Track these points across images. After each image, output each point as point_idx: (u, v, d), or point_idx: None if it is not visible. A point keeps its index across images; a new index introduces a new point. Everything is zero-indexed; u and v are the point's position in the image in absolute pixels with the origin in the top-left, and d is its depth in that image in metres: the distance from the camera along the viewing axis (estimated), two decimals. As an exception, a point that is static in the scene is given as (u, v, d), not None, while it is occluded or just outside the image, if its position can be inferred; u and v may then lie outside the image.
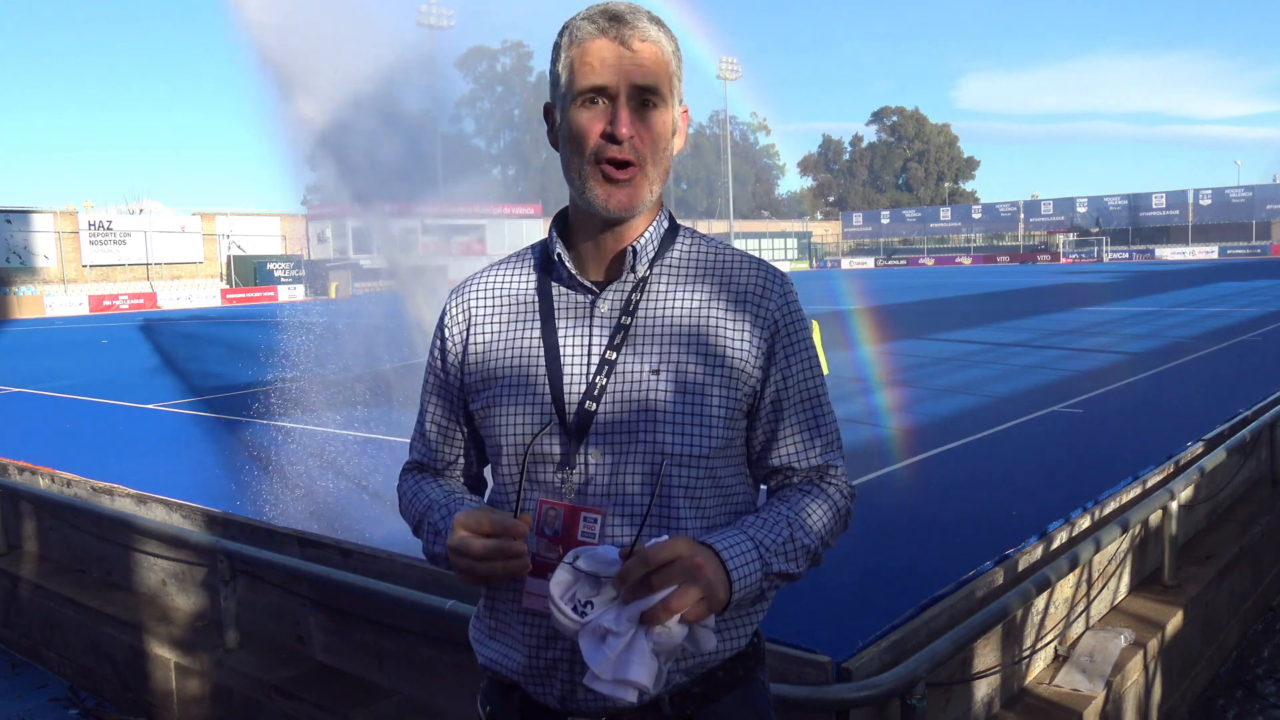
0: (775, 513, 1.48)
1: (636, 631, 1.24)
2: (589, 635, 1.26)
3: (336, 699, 3.79)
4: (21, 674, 5.28)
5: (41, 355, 23.56)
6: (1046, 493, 7.09)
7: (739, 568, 1.36)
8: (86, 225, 47.62)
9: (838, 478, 1.58)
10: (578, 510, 1.38)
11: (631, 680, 1.23)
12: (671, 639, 1.26)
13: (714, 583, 1.30)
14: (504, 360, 1.54)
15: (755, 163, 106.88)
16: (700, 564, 1.29)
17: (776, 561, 1.42)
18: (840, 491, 1.57)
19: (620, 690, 1.24)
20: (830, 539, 1.54)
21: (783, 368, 1.52)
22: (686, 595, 1.26)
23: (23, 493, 5.69)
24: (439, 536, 1.53)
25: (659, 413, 1.45)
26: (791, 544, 1.45)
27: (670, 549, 1.29)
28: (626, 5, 1.47)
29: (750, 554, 1.39)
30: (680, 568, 1.27)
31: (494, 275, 1.63)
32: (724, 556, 1.35)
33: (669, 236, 1.57)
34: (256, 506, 7.30)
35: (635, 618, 1.24)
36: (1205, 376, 13.10)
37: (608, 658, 1.24)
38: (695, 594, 1.27)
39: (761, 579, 1.40)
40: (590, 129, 1.44)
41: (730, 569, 1.35)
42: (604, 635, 1.25)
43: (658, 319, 1.50)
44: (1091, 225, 75.00)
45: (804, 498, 1.52)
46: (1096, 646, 3.62)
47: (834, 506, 1.54)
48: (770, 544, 1.42)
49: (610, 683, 1.24)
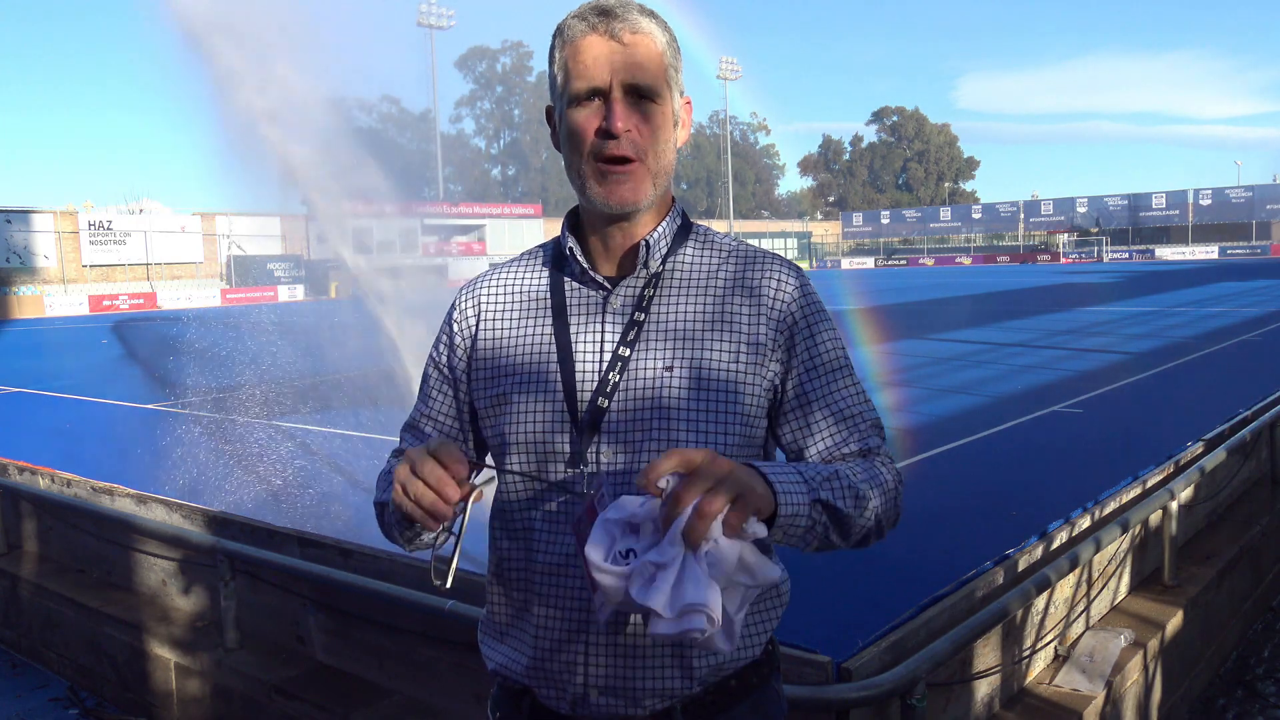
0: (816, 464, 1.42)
1: (686, 556, 1.13)
2: (639, 580, 1.14)
3: (336, 699, 3.79)
4: (21, 674, 5.28)
5: (41, 355, 23.56)
6: (1046, 493, 7.10)
7: (780, 477, 1.26)
8: (86, 225, 47.64)
9: (885, 460, 1.49)
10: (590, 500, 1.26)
11: (694, 603, 1.11)
12: (723, 557, 1.14)
13: (747, 482, 1.18)
14: (515, 356, 1.52)
15: (755, 163, 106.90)
16: (727, 463, 1.17)
17: (824, 489, 1.31)
18: (888, 469, 1.47)
19: (687, 621, 1.11)
20: (884, 507, 1.42)
21: (804, 360, 1.49)
22: (719, 495, 1.13)
23: (23, 493, 5.69)
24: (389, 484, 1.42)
25: (672, 409, 1.42)
26: (838, 480, 1.34)
27: (694, 451, 1.17)
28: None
29: (791, 475, 1.28)
30: (708, 471, 1.15)
31: (506, 272, 1.61)
32: (758, 465, 1.25)
33: (682, 232, 1.55)
34: (252, 507, 7.30)
35: (678, 540, 1.13)
36: (1205, 376, 13.10)
37: (663, 592, 1.12)
38: (729, 492, 1.14)
39: (809, 503, 1.28)
40: (586, 127, 1.43)
41: (766, 473, 1.24)
42: (653, 575, 1.14)
43: (671, 315, 1.47)
44: (1091, 225, 75.01)
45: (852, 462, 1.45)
46: (1096, 646, 3.62)
47: (886, 476, 1.44)
48: (813, 474, 1.32)
49: (673, 619, 1.12)
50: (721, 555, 1.14)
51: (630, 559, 1.16)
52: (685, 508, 1.12)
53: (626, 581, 1.15)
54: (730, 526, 1.14)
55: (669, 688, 1.44)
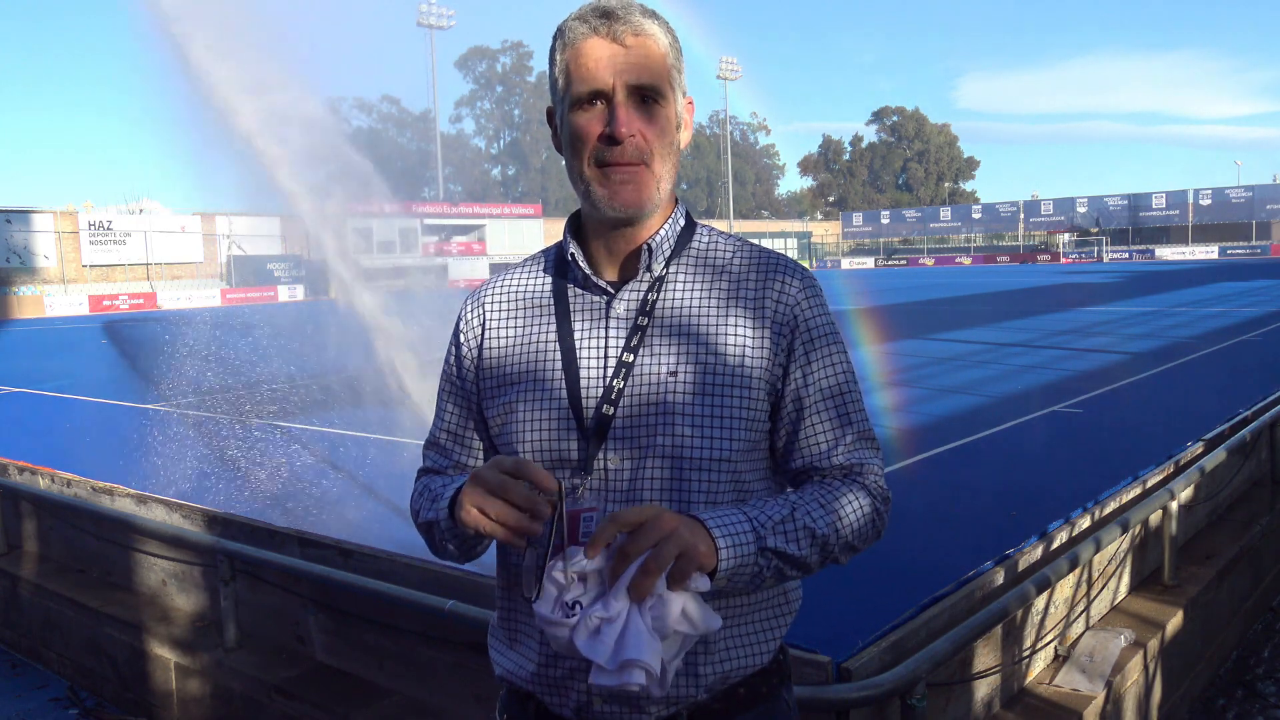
0: (780, 497, 1.43)
1: (630, 610, 1.20)
2: (584, 632, 1.22)
3: (336, 699, 3.79)
4: (21, 674, 5.28)
5: (41, 355, 23.56)
6: (1046, 493, 7.10)
7: (725, 530, 1.30)
8: (86, 225, 47.63)
9: (868, 478, 1.48)
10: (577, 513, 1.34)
11: (634, 659, 1.18)
12: (666, 610, 1.20)
13: (692, 540, 1.24)
14: (520, 364, 1.50)
15: (755, 163, 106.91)
16: (672, 520, 1.24)
17: (772, 537, 1.34)
18: (869, 493, 1.47)
19: (626, 674, 1.19)
20: (855, 539, 1.44)
21: (803, 364, 1.46)
22: (663, 553, 1.20)
23: (23, 493, 5.69)
24: (435, 503, 1.46)
25: (678, 415, 1.41)
26: (791, 523, 1.36)
27: (639, 510, 1.24)
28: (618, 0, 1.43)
29: (740, 524, 1.32)
30: (653, 528, 1.22)
31: (509, 279, 1.60)
32: (706, 522, 1.29)
33: (685, 234, 1.53)
34: (254, 506, 7.31)
35: (623, 594, 1.20)
36: (1205, 376, 13.10)
37: (606, 645, 1.19)
38: (673, 549, 1.21)
39: (756, 552, 1.32)
40: (589, 131, 1.41)
41: (714, 532, 1.29)
42: (598, 627, 1.21)
43: (675, 319, 1.46)
44: (1091, 225, 75.01)
45: (821, 488, 1.45)
46: (1096, 646, 3.62)
47: (857, 502, 1.44)
48: (765, 519, 1.35)
49: (614, 671, 1.19)
50: (664, 608, 1.21)
51: (576, 610, 1.23)
52: (630, 564, 1.20)
53: (572, 633, 1.22)
54: (674, 581, 1.21)
55: (675, 695, 1.43)
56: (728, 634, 1.45)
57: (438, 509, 1.45)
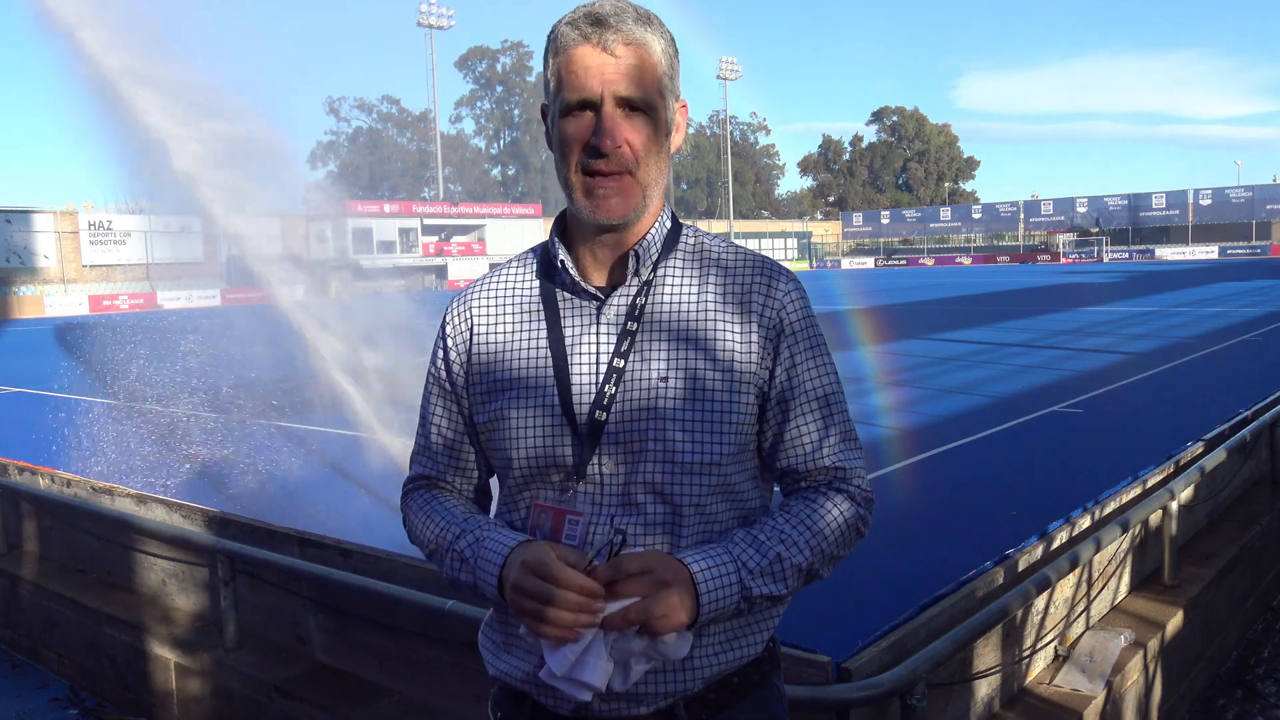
0: (770, 528, 1.44)
1: (597, 633, 1.28)
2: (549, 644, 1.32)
3: (336, 699, 3.79)
4: (21, 674, 5.28)
5: (42, 355, 23.56)
6: (1046, 493, 7.09)
7: (711, 591, 1.34)
8: (86, 225, 47.61)
9: (851, 482, 1.51)
10: (564, 513, 1.40)
11: (583, 681, 1.28)
12: (628, 646, 1.29)
13: (676, 605, 1.30)
14: (511, 370, 1.50)
15: (755, 163, 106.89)
16: (667, 582, 1.30)
17: (759, 585, 1.39)
18: (852, 498, 1.49)
19: (573, 689, 1.30)
20: (838, 550, 1.48)
21: (788, 367, 1.48)
22: (644, 611, 1.27)
23: (23, 493, 5.69)
24: (464, 565, 1.46)
25: (669, 420, 1.42)
26: (780, 564, 1.41)
27: (642, 561, 1.30)
28: (611, 4, 1.42)
29: (728, 577, 1.36)
30: (648, 581, 1.29)
31: (495, 281, 1.59)
32: (697, 579, 1.34)
33: (672, 236, 1.53)
34: (254, 506, 7.31)
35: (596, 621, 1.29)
36: (1205, 376, 13.10)
37: (566, 658, 1.28)
38: (654, 611, 1.28)
39: (739, 601, 1.37)
40: (576, 139, 1.41)
41: (701, 591, 1.33)
42: None
43: (664, 323, 1.46)
44: (1091, 225, 75.01)
45: (809, 509, 1.46)
46: (1096, 646, 3.62)
47: (841, 516, 1.47)
48: (755, 566, 1.39)
49: (565, 680, 1.29)
50: (627, 644, 1.30)
51: None
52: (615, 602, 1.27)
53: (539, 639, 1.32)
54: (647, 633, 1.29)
55: (670, 688, 1.44)
56: (724, 629, 1.47)
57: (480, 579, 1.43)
